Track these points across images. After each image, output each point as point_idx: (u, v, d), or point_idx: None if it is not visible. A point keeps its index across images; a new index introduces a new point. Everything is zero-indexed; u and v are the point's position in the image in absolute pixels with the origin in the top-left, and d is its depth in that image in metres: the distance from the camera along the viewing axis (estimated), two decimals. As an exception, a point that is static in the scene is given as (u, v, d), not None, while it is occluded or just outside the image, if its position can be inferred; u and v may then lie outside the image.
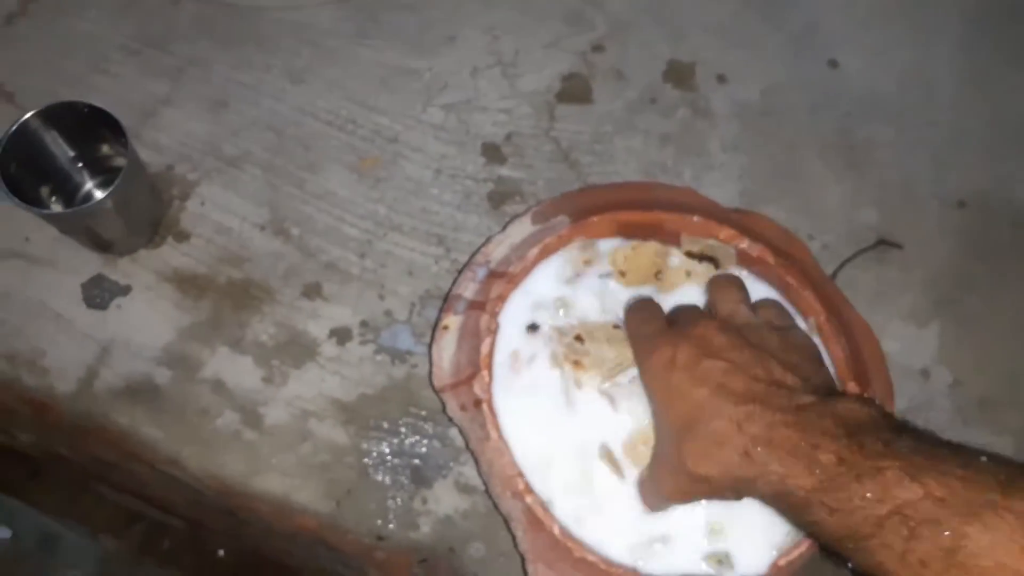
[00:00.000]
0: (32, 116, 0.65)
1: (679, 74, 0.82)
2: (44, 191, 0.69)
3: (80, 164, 0.72)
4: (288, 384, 0.69)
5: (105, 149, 0.70)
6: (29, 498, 0.96)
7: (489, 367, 0.59)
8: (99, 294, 0.71)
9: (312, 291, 0.72)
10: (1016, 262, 0.75)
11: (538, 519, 0.55)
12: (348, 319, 0.71)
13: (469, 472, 0.66)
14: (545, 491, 0.57)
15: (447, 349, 0.61)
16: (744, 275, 0.63)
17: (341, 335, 0.71)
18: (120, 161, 0.70)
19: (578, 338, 0.61)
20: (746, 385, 0.51)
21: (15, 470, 0.96)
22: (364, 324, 0.71)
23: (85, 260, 0.72)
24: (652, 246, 0.63)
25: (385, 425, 0.68)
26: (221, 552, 0.87)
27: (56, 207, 0.70)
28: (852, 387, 0.60)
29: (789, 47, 0.83)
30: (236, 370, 0.69)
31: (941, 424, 0.69)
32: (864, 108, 0.81)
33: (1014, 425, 0.69)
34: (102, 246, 0.71)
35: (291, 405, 0.68)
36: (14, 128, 0.65)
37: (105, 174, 0.72)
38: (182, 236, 0.73)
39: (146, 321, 0.70)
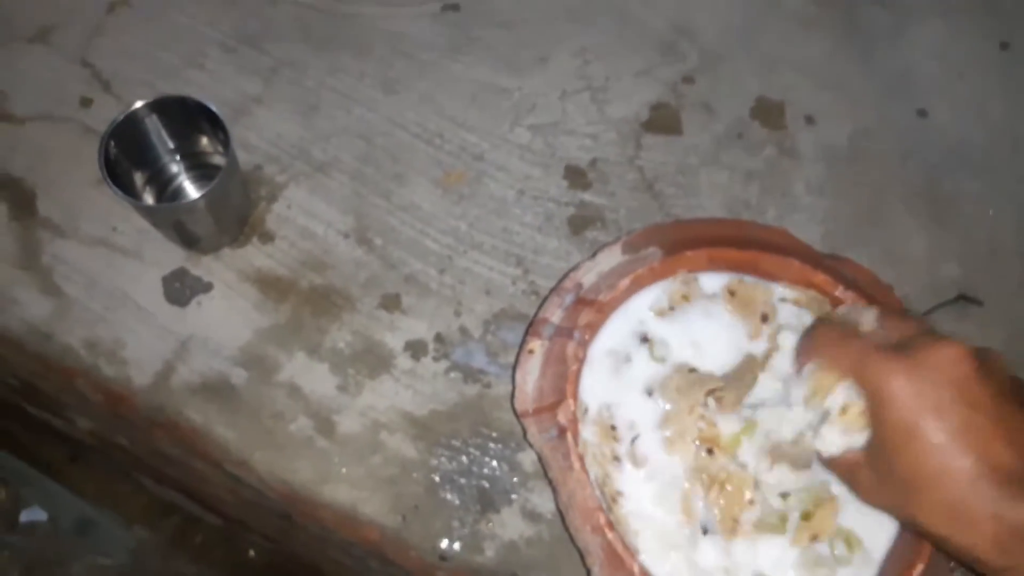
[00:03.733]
0: (142, 106, 0.62)
1: (767, 112, 0.78)
2: (138, 180, 0.66)
3: (178, 156, 0.69)
4: (362, 394, 0.66)
5: (204, 144, 0.67)
6: (67, 482, 0.95)
7: (575, 396, 0.56)
8: (181, 289, 0.68)
9: (391, 303, 0.69)
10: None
11: (618, 556, 0.51)
12: (424, 333, 0.68)
13: (537, 499, 0.63)
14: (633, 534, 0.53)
15: (531, 373, 0.58)
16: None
17: (416, 349, 0.67)
18: (217, 159, 0.68)
19: (656, 392, 0.57)
20: (1012, 460, 0.43)
21: (56, 452, 0.94)
22: (439, 339, 0.68)
23: (169, 254, 0.69)
24: (760, 285, 0.60)
25: (455, 443, 0.64)
26: (252, 552, 0.84)
27: (148, 197, 0.67)
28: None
29: (880, 92, 0.79)
30: (312, 376, 0.66)
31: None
32: (951, 160, 0.76)
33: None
34: (189, 242, 0.68)
35: (364, 415, 0.65)
36: (123, 116, 0.62)
37: (200, 169, 0.70)
38: (267, 237, 0.70)
39: (226, 320, 0.67)
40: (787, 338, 0.57)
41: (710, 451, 0.55)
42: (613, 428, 0.56)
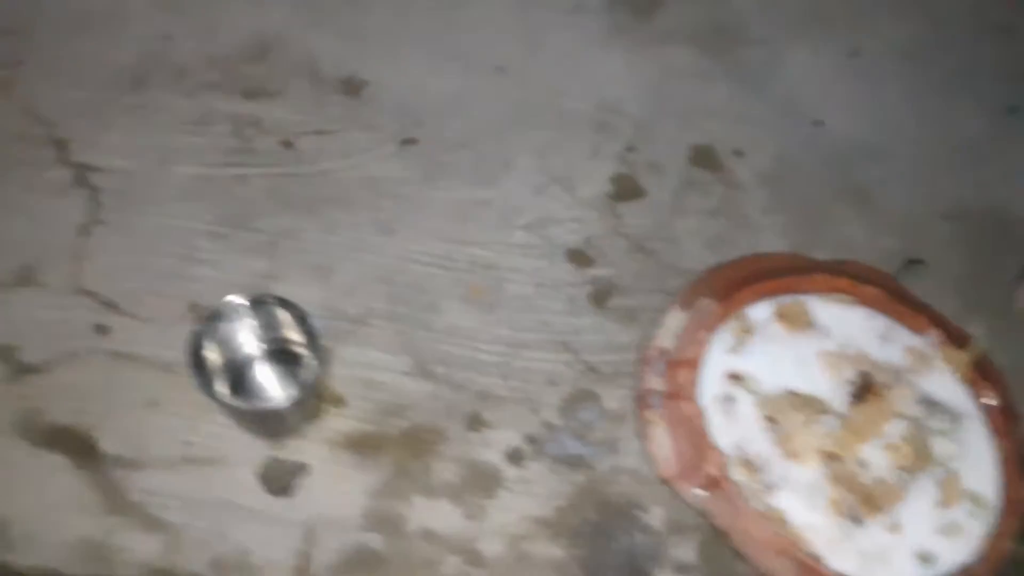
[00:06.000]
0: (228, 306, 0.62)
1: (704, 156, 0.86)
2: (215, 374, 0.64)
3: (258, 343, 0.68)
4: (488, 515, 0.67)
5: (283, 331, 0.66)
6: None
7: (714, 447, 0.60)
8: (279, 478, 0.66)
9: (475, 421, 0.70)
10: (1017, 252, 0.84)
11: (809, 566, 0.57)
12: (515, 439, 0.70)
13: (680, 553, 0.66)
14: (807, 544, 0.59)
15: (662, 441, 0.62)
16: (866, 313, 0.68)
17: (514, 456, 0.69)
18: (291, 335, 0.66)
19: (769, 418, 0.63)
20: None
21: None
22: (530, 440, 0.70)
23: (253, 448, 0.67)
24: (799, 301, 0.67)
25: (588, 529, 0.67)
26: None
27: (222, 387, 0.65)
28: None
29: (780, 115, 0.90)
30: (438, 515, 0.66)
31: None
32: (854, 154, 0.88)
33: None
34: (273, 433, 0.67)
35: (501, 534, 0.66)
36: (209, 318, 0.61)
37: (273, 344, 0.68)
38: (339, 402, 0.70)
39: (336, 492, 0.66)
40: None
41: (836, 457, 0.62)
42: (750, 462, 0.62)
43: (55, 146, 0.79)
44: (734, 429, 0.63)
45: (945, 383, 0.66)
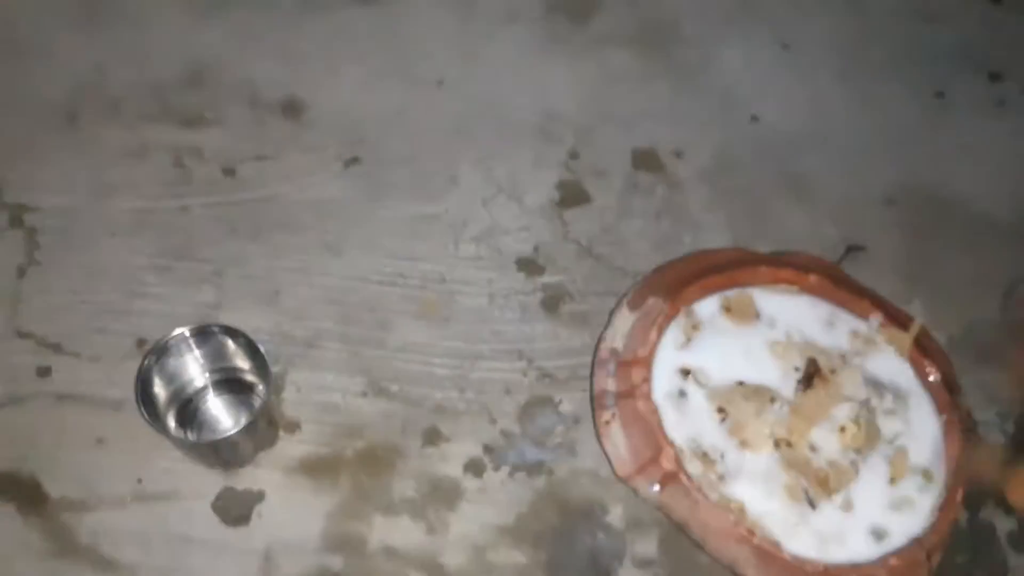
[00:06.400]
0: (173, 339, 0.61)
1: (645, 159, 0.87)
2: (162, 405, 0.63)
3: (206, 374, 0.67)
4: (451, 528, 0.66)
5: (228, 358, 0.65)
6: None
7: (669, 443, 0.61)
8: (235, 508, 0.65)
9: (432, 436, 0.70)
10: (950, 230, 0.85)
11: (768, 552, 0.57)
12: (473, 450, 0.70)
13: (641, 549, 0.66)
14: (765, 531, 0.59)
15: (618, 440, 0.62)
16: (810, 301, 0.69)
17: (475, 467, 0.69)
18: (238, 363, 0.66)
19: (720, 410, 0.64)
20: None
21: None
22: (488, 450, 0.70)
23: (206, 480, 0.66)
24: (743, 294, 0.68)
25: (550, 534, 0.67)
26: None
27: (170, 419, 0.64)
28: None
29: (716, 112, 0.91)
30: (399, 532, 0.66)
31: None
32: (789, 147, 0.90)
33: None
34: (226, 464, 0.66)
35: (463, 545, 0.66)
36: (155, 351, 0.60)
37: (219, 374, 0.67)
38: (293, 427, 0.69)
39: (294, 518, 0.65)
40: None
41: (788, 444, 0.62)
42: (705, 455, 0.62)
43: (-12, 187, 0.78)
44: (687, 423, 0.63)
45: (890, 363, 0.67)
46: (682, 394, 0.64)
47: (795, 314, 0.68)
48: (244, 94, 0.86)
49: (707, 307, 0.68)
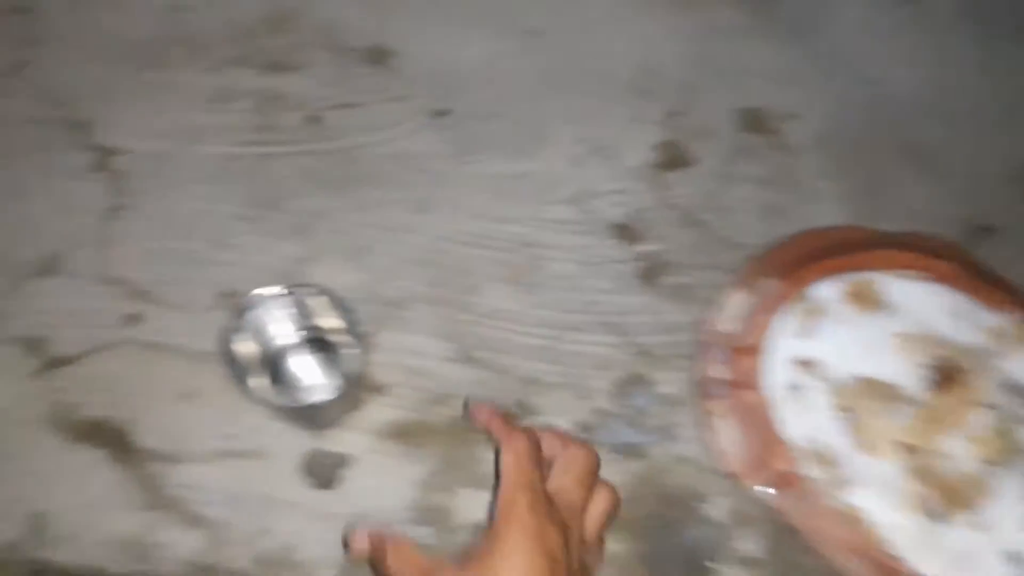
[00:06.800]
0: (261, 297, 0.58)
1: (754, 120, 0.82)
2: (250, 363, 0.61)
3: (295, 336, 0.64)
4: (539, 506, 0.64)
5: (319, 319, 0.63)
6: None
7: (784, 440, 0.57)
8: (323, 470, 0.63)
9: (522, 409, 0.67)
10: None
11: (887, 567, 0.54)
12: (564, 426, 0.67)
13: (745, 547, 0.62)
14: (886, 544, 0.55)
15: (726, 434, 0.58)
16: (940, 290, 0.64)
17: (565, 444, 0.66)
18: (332, 334, 0.63)
19: (841, 407, 0.59)
20: None
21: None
22: (581, 427, 0.67)
23: (292, 440, 0.64)
24: (866, 278, 0.63)
25: (648, 523, 0.64)
26: None
27: (258, 377, 0.62)
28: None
29: (829, 73, 0.85)
30: (486, 508, 0.63)
31: None
32: (911, 113, 0.83)
33: None
34: (316, 425, 0.64)
35: (553, 526, 0.63)
36: (237, 316, 0.58)
37: (315, 343, 0.65)
38: (382, 390, 0.67)
39: (381, 484, 0.63)
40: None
41: (914, 450, 0.58)
42: (822, 456, 0.58)
43: (74, 129, 0.76)
44: (804, 420, 0.59)
45: (1031, 365, 0.62)
46: (798, 387, 0.60)
47: (923, 304, 0.63)
48: (330, 39, 0.83)
49: (827, 291, 0.63)
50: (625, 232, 0.75)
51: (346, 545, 0.51)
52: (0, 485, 0.61)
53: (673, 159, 0.79)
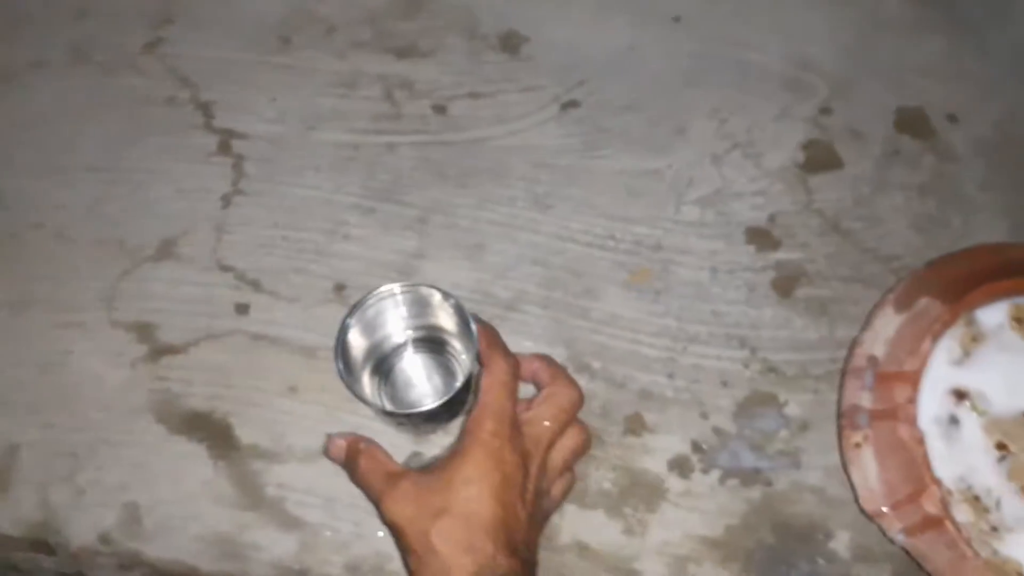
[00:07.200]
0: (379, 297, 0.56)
1: (911, 121, 0.74)
2: (359, 366, 0.59)
3: (408, 331, 0.61)
4: (649, 531, 0.59)
5: (431, 320, 0.60)
6: None
7: (936, 481, 0.50)
8: (421, 475, 0.61)
9: (635, 424, 0.63)
10: None
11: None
12: (680, 446, 0.62)
13: (870, 586, 0.57)
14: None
15: (869, 468, 0.52)
16: None
17: (681, 466, 0.61)
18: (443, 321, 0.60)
19: (1000, 446, 0.52)
20: None
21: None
22: (698, 448, 0.62)
23: (394, 443, 0.61)
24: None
25: (762, 555, 0.58)
26: None
27: (366, 379, 0.60)
28: None
29: (1005, 73, 0.76)
30: (593, 528, 0.59)
31: None
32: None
33: None
34: (420, 432, 0.61)
35: (663, 554, 0.58)
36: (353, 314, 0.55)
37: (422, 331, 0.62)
38: (488, 395, 0.63)
39: (482, 495, 0.60)
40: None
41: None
42: (977, 499, 0.51)
43: (200, 110, 0.76)
44: (957, 458, 0.52)
45: None
46: (953, 421, 0.53)
47: (1101, 335, 0.54)
48: (463, 24, 0.80)
49: (992, 315, 0.56)
50: (762, 238, 0.69)
51: (325, 451, 0.54)
52: (98, 472, 0.61)
53: (820, 161, 0.72)
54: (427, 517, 0.47)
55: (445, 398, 0.53)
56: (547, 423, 0.51)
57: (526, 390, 0.54)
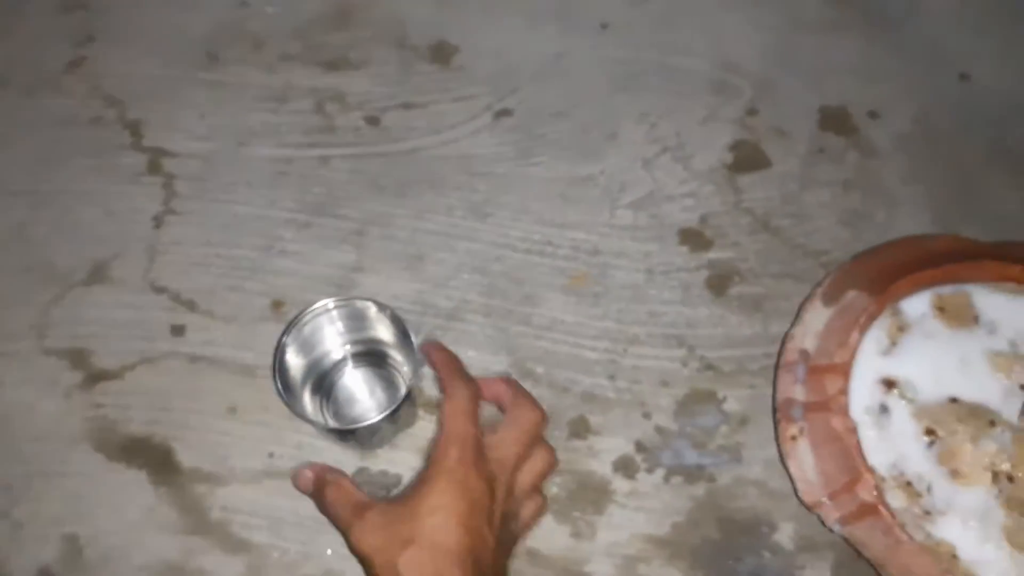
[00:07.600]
0: (315, 312, 0.55)
1: (834, 119, 0.76)
2: (298, 380, 0.58)
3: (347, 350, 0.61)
4: (598, 533, 0.60)
5: (370, 333, 0.60)
6: None
7: (870, 469, 0.52)
8: (370, 492, 0.60)
9: (580, 427, 0.63)
10: None
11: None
12: (624, 447, 0.63)
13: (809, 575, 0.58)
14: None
15: (805, 460, 0.53)
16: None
17: (626, 466, 0.62)
18: (381, 334, 0.60)
19: (929, 432, 0.54)
20: None
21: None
22: (641, 448, 0.63)
23: (339, 459, 0.61)
24: (960, 292, 0.57)
25: (709, 551, 0.59)
26: None
27: (306, 394, 0.59)
28: None
29: (920, 70, 0.79)
30: (542, 533, 0.59)
31: None
32: (1006, 112, 0.76)
33: None
34: (364, 446, 0.61)
35: (611, 555, 0.59)
36: (290, 332, 0.54)
37: (360, 345, 0.62)
38: (432, 407, 0.63)
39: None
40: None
41: (1010, 478, 0.52)
42: (909, 484, 0.53)
43: (128, 129, 0.74)
44: (889, 446, 0.54)
45: None
46: (884, 410, 0.55)
47: (1021, 320, 0.56)
48: (392, 36, 0.80)
49: (916, 305, 0.58)
50: (694, 238, 0.71)
51: (293, 482, 0.53)
52: (36, 505, 0.60)
53: (748, 161, 0.74)
54: (395, 547, 0.46)
55: (388, 411, 0.53)
56: (512, 446, 0.51)
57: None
